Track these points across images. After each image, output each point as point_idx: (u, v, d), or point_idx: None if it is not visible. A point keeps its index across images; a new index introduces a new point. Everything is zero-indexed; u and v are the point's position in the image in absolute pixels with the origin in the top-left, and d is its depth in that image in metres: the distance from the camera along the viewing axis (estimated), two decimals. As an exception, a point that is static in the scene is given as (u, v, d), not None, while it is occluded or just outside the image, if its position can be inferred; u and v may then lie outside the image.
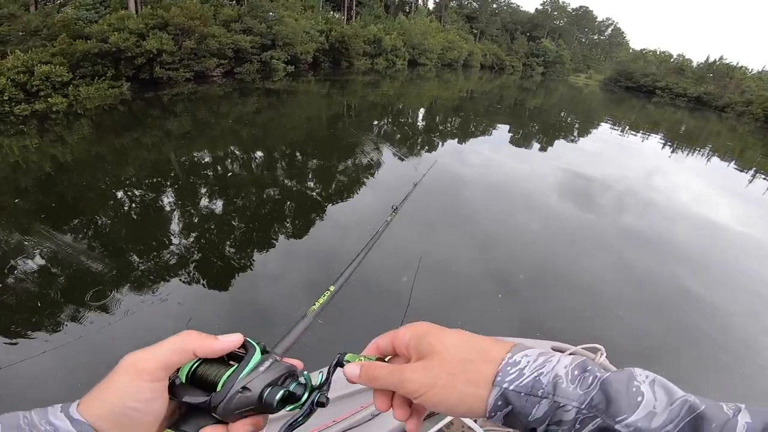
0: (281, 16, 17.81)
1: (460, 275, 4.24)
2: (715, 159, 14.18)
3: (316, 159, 8.04)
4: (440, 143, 10.44)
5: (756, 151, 17.51)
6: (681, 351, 3.59)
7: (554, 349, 1.60)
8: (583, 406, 0.32)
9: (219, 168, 6.96)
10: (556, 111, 20.92)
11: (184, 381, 0.37)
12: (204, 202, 5.46)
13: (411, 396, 0.38)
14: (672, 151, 14.15)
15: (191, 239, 4.43)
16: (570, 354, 0.38)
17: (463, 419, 1.63)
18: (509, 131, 12.91)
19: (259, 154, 8.10)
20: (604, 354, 1.47)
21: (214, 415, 0.36)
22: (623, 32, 64.54)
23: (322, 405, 0.39)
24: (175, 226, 4.72)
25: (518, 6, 57.25)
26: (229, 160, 7.44)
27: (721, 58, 42.40)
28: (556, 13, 58.41)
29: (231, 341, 0.39)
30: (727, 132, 23.11)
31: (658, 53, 50.27)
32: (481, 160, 9.03)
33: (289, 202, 5.77)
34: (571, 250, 5.18)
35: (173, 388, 0.36)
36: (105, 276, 3.66)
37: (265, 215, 5.27)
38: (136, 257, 4.00)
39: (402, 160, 8.33)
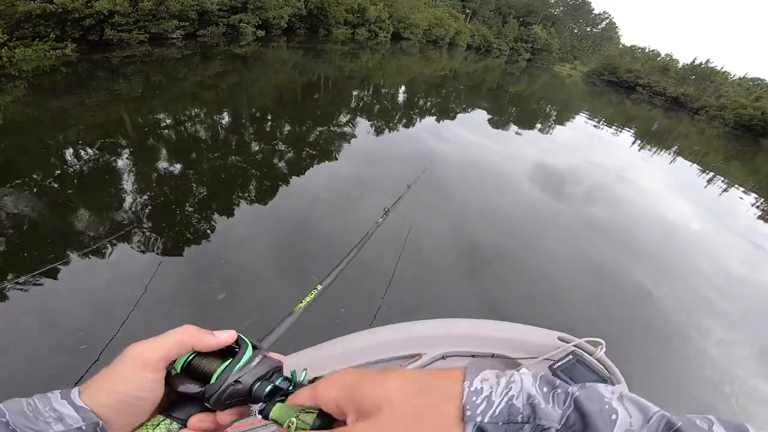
0: (253, -26, 16.60)
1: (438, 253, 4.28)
2: (680, 159, 14.46)
3: (281, 126, 7.62)
4: (418, 120, 10.13)
5: (718, 156, 18.00)
6: (632, 341, 3.70)
7: (561, 340, 1.55)
8: (560, 426, 0.30)
9: (171, 132, 6.49)
10: (536, 98, 20.78)
11: (179, 371, 0.39)
12: (156, 164, 5.11)
13: None
14: (640, 149, 14.34)
15: (143, 200, 4.18)
16: (522, 368, 0.34)
17: None
18: (487, 114, 12.70)
19: (217, 118, 7.58)
20: (604, 348, 1.45)
21: (205, 404, 0.39)
22: (617, 27, 64.42)
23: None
24: (124, 189, 4.39)
25: (515, -11, 56.01)
26: (184, 124, 6.94)
27: (707, 61, 43.12)
28: (553, 0, 57.56)
29: (226, 338, 0.41)
30: (696, 134, 23.62)
31: (646, 51, 50.60)
32: (457, 140, 8.87)
33: (252, 171, 5.48)
34: (535, 235, 5.25)
35: (168, 378, 0.39)
36: (50, 239, 3.38)
37: (224, 182, 4.96)
38: (82, 219, 3.73)
39: (377, 135, 8.05)
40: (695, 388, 3.36)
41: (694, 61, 43.90)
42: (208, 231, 3.84)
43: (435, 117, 11.01)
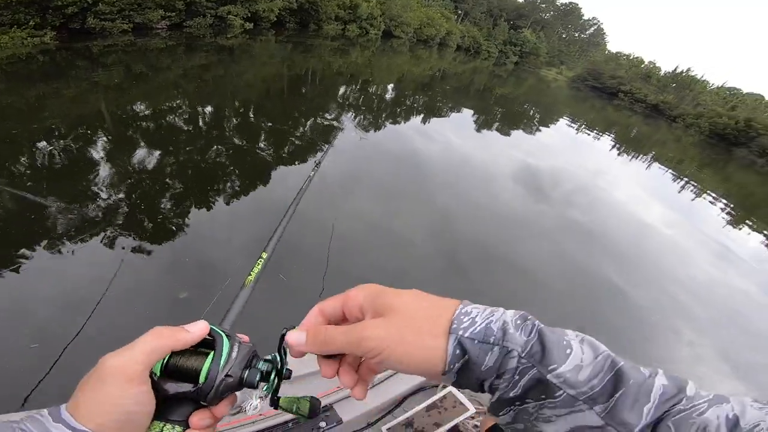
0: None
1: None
2: (656, 165, 14.99)
3: (262, 121, 7.61)
4: (403, 119, 10.23)
5: (692, 163, 18.71)
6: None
7: None
8: (524, 354, 0.33)
9: (148, 123, 6.41)
10: (521, 101, 21.16)
11: (159, 374, 0.38)
12: (132, 154, 5.05)
13: (371, 354, 0.35)
14: (619, 154, 14.80)
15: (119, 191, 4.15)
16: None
17: (455, 394, 1.68)
18: (473, 115, 12.91)
19: (199, 110, 7.52)
20: None
21: (200, 401, 0.39)
22: (605, 33, 65.38)
23: (287, 378, 0.43)
24: (100, 178, 4.34)
25: (509, -8, 56.40)
26: (163, 116, 6.86)
27: (688, 69, 44.44)
28: (544, 5, 58.15)
29: (200, 331, 0.41)
30: (672, 142, 24.47)
31: (631, 58, 51.80)
32: (439, 139, 8.97)
33: (231, 162, 5.48)
34: (511, 233, 5.47)
35: (155, 384, 0.38)
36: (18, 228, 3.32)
37: (202, 171, 4.97)
38: (55, 208, 3.65)
39: (364, 136, 8.12)
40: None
41: (675, 69, 45.23)
42: (175, 218, 3.87)
43: (421, 116, 11.14)
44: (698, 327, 4.64)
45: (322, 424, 1.47)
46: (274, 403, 0.42)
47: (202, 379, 0.38)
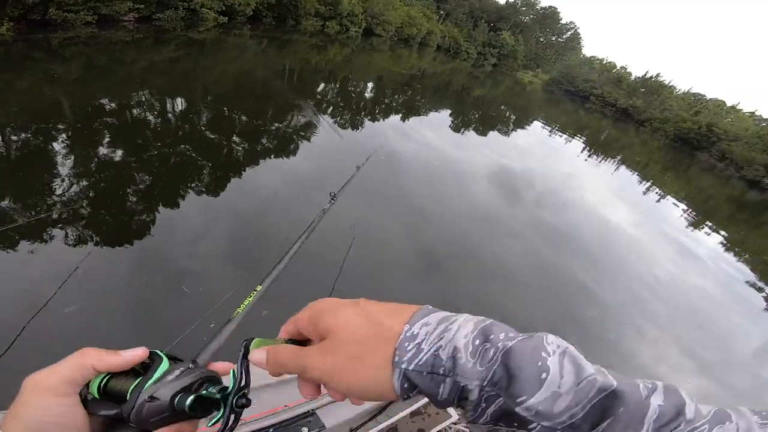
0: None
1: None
2: (623, 168, 15.59)
3: (227, 118, 7.43)
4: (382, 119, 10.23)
5: (656, 166, 19.58)
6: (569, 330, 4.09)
7: None
8: (486, 383, 0.29)
9: (112, 118, 6.15)
10: (497, 103, 21.53)
11: (96, 396, 0.37)
12: (84, 152, 4.83)
13: (318, 383, 0.34)
14: (589, 156, 15.29)
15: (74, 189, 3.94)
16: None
17: None
18: (450, 116, 13.03)
19: (164, 105, 7.28)
20: None
21: (134, 425, 0.36)
22: (581, 38, 66.61)
23: (243, 406, 0.37)
24: (56, 175, 4.15)
25: (491, -5, 56.98)
26: (128, 110, 6.60)
27: (657, 75, 46.14)
28: (524, 8, 58.97)
29: (133, 355, 0.38)
30: (639, 145, 25.54)
31: (604, 62, 53.47)
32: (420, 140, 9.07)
33: (198, 160, 5.35)
34: (482, 230, 5.64)
35: (88, 404, 0.37)
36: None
37: (166, 172, 4.83)
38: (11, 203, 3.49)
39: (341, 133, 8.06)
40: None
41: (645, 74, 46.89)
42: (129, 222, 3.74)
43: (400, 116, 11.15)
44: (658, 321, 4.97)
45: (304, 429, 1.44)
46: None
47: (128, 399, 0.36)
